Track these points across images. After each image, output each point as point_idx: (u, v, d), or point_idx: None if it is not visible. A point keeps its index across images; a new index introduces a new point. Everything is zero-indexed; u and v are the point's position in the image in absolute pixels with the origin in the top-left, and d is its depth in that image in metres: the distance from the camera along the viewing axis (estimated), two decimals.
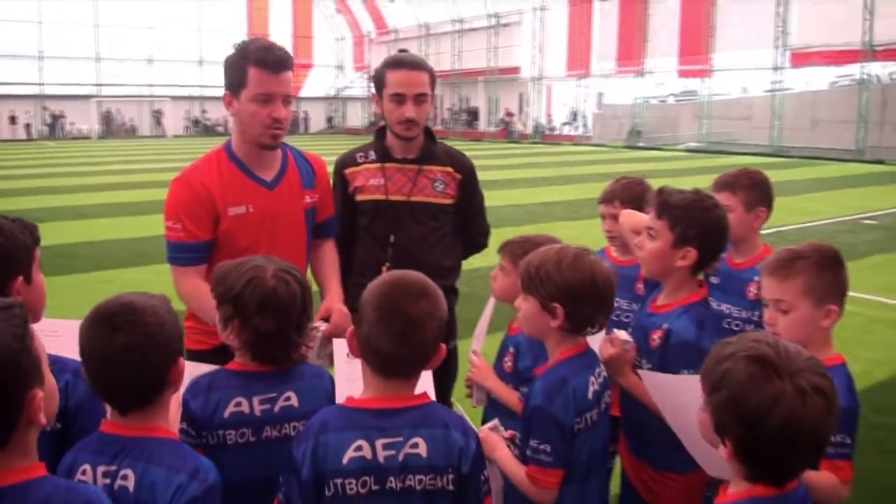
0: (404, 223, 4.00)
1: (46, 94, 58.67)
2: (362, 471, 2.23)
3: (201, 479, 2.08)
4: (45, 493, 1.77)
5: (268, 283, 2.50)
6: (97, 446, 2.13)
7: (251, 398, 2.49)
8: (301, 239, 3.61)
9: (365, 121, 66.25)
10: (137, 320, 2.11)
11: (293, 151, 3.67)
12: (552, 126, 52.71)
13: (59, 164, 32.29)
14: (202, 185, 3.42)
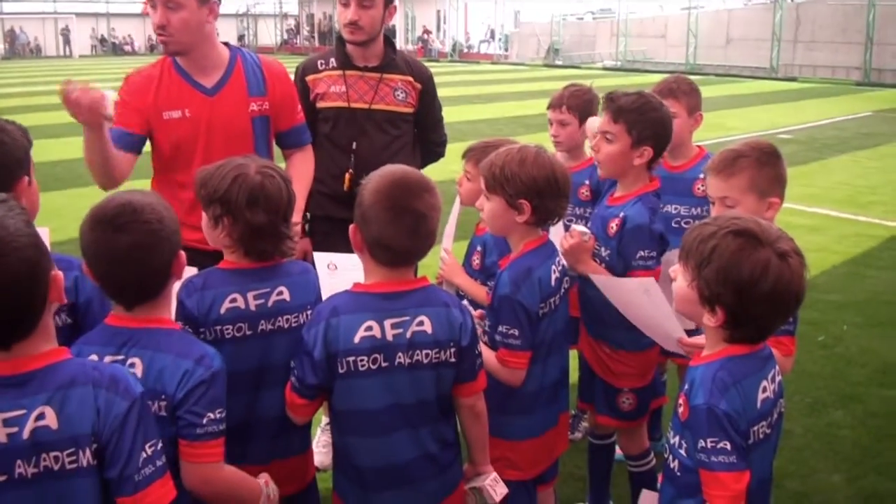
0: (366, 131, 4.04)
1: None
2: (373, 349, 2.45)
3: (207, 365, 2.21)
4: (72, 372, 1.89)
5: (253, 178, 2.56)
6: (102, 337, 2.22)
7: (245, 294, 2.59)
8: (246, 145, 3.56)
9: (278, 38, 64.90)
10: (139, 219, 2.18)
11: (246, 58, 3.64)
12: (470, 44, 52.35)
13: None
14: (139, 86, 3.50)
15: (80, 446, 1.86)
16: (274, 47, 62.67)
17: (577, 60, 42.34)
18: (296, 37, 64.40)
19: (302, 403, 2.55)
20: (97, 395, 1.89)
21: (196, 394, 2.17)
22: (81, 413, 1.87)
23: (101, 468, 1.89)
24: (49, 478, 1.86)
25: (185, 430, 2.16)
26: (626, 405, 3.49)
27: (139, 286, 2.23)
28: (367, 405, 2.49)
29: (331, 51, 4.17)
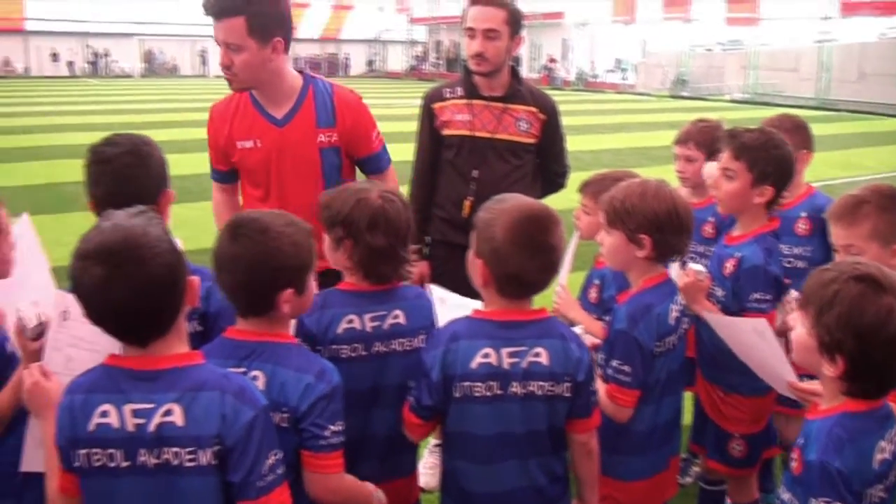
0: (487, 159, 4.09)
1: (90, 31, 58.86)
2: (488, 375, 2.49)
3: (327, 380, 2.29)
4: (204, 376, 2.02)
5: (375, 202, 2.65)
6: (223, 350, 2.30)
7: (363, 315, 2.67)
8: (315, 174, 3.63)
9: (406, 64, 65.87)
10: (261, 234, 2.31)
11: (318, 88, 3.67)
12: (595, 73, 52.06)
13: (102, 101, 32.52)
14: (218, 115, 3.67)
15: (201, 446, 1.98)
16: (402, 73, 63.67)
17: (704, 92, 41.58)
18: (423, 63, 65.20)
19: (418, 423, 2.62)
20: (224, 401, 2.00)
21: (319, 407, 2.25)
22: (207, 416, 1.98)
23: (223, 471, 2.00)
24: (167, 471, 1.98)
25: (310, 441, 2.25)
26: (736, 451, 3.41)
27: (256, 297, 2.31)
28: (478, 431, 2.53)
29: (458, 79, 4.23)
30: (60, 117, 25.13)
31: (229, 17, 3.32)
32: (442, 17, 61.63)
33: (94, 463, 2.00)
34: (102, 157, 2.61)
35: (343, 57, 67.78)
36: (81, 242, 2.00)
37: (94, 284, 1.95)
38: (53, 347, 2.41)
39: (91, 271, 1.94)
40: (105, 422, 1.98)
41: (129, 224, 2.00)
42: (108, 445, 1.98)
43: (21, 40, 57.61)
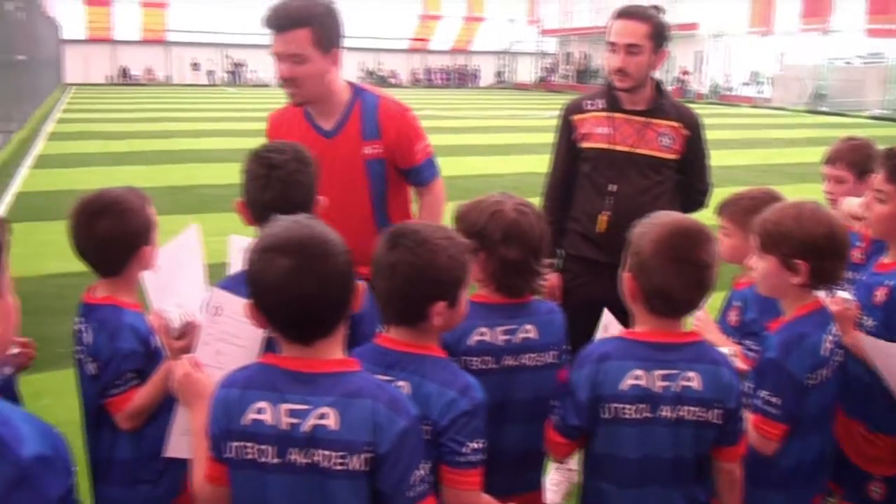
0: (627, 174, 4.01)
1: (229, 42, 60.85)
2: (638, 398, 2.45)
3: (471, 396, 2.27)
4: (359, 384, 2.05)
5: (509, 214, 2.63)
6: (372, 356, 2.31)
7: (494, 328, 2.64)
8: (361, 186, 3.68)
9: (535, 76, 65.81)
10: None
11: (365, 101, 3.68)
12: (730, 86, 50.91)
13: (239, 108, 33.57)
14: (274, 127, 3.75)
15: (352, 452, 2.00)
16: (531, 84, 63.64)
17: (842, 107, 40.14)
18: (552, 75, 65.03)
19: (562, 442, 2.59)
20: (378, 409, 2.01)
21: (459, 423, 2.24)
22: (361, 423, 2.00)
23: (373, 478, 2.02)
24: (317, 472, 2.01)
25: (449, 456, 2.24)
26: (875, 494, 3.21)
27: (410, 305, 2.31)
28: (626, 453, 2.49)
29: (600, 91, 4.17)
30: (200, 123, 26.07)
31: (294, 29, 3.39)
32: (573, 28, 61.41)
33: (245, 456, 2.05)
34: (271, 162, 2.67)
35: (473, 68, 68.17)
36: (265, 237, 2.07)
37: (278, 276, 2.00)
38: (204, 341, 2.50)
39: (277, 262, 2.00)
40: (260, 418, 2.03)
41: (311, 223, 2.10)
42: (261, 441, 2.03)
43: (163, 50, 60.02)
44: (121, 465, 2.74)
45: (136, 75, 58.96)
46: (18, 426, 1.54)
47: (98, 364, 2.68)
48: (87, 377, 2.74)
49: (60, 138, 21.18)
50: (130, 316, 2.73)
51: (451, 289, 2.32)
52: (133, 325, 2.70)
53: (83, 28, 57.80)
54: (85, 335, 2.72)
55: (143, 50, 59.52)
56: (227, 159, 17.12)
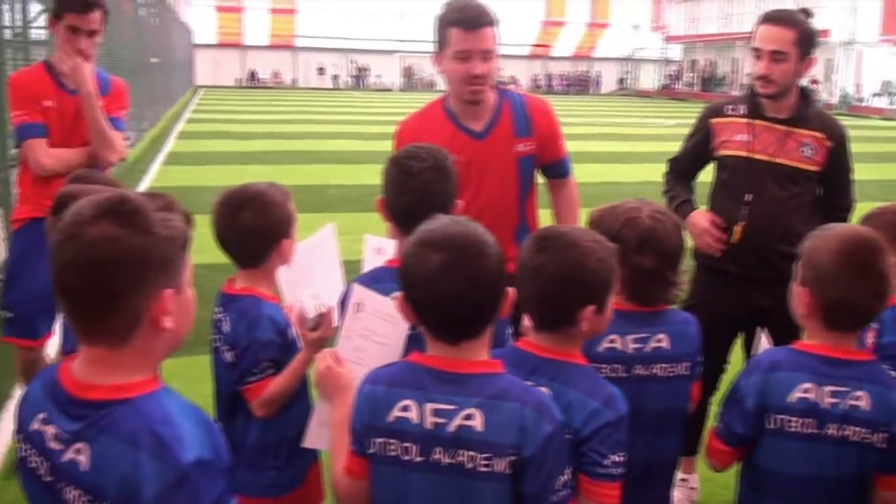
0: (765, 184, 3.85)
1: (353, 47, 62.05)
2: (806, 412, 2.39)
3: (614, 408, 2.20)
4: (505, 386, 2.02)
5: (645, 221, 2.59)
6: (513, 359, 2.26)
7: (625, 336, 2.59)
8: (510, 184, 3.69)
9: (658, 84, 64.96)
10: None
11: (512, 100, 3.70)
12: (861, 97, 49.22)
13: (363, 112, 34.14)
14: (413, 133, 3.63)
15: (497, 454, 1.97)
16: (653, 92, 62.86)
17: None
18: (676, 82, 64.10)
19: (725, 450, 2.55)
20: (524, 413, 1.98)
21: (602, 434, 2.18)
22: (507, 425, 1.97)
23: (517, 481, 1.99)
24: (460, 473, 1.99)
25: (589, 467, 2.18)
26: None
27: (562, 310, 2.26)
28: (792, 469, 2.44)
29: (741, 97, 4.03)
30: (325, 126, 26.58)
31: (488, 27, 3.47)
32: (699, 35, 60.40)
33: (389, 452, 2.04)
34: (409, 170, 2.66)
35: (594, 75, 67.75)
36: (421, 232, 2.06)
37: (432, 271, 1.99)
38: (346, 336, 2.52)
39: (431, 258, 1.99)
40: (405, 416, 2.02)
41: (468, 222, 2.08)
42: (405, 439, 2.02)
43: (290, 55, 61.59)
44: (249, 450, 2.79)
45: (264, 78, 60.70)
46: (180, 426, 1.57)
47: (236, 352, 2.73)
48: (224, 365, 2.79)
49: (190, 137, 21.95)
50: (269, 307, 2.78)
51: (600, 292, 2.26)
52: (271, 316, 2.75)
53: (214, 33, 59.75)
54: (224, 324, 2.78)
55: (271, 54, 61.27)
56: (350, 161, 17.52)
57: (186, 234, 1.70)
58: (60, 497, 1.63)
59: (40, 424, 1.68)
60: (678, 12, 63.31)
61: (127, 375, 1.64)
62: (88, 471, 1.58)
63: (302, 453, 2.86)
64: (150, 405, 1.61)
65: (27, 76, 4.51)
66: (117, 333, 1.61)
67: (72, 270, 1.57)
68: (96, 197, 1.64)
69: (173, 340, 1.71)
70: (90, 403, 1.61)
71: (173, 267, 1.65)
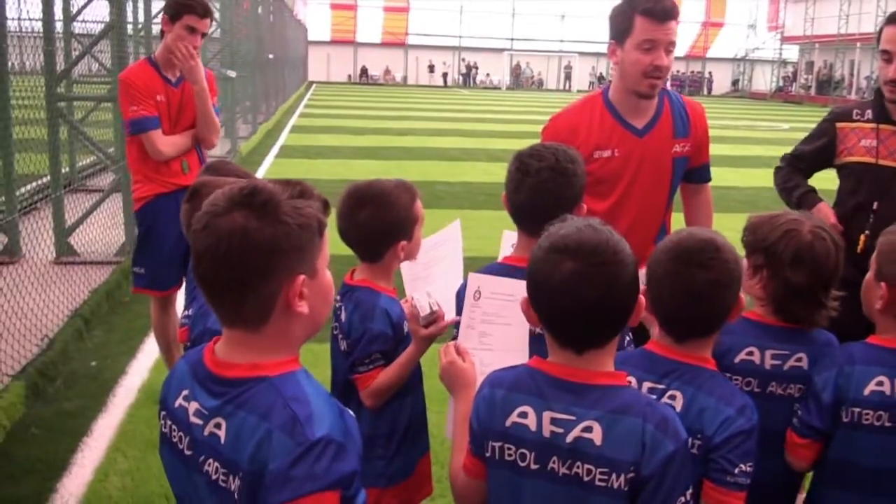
0: (891, 191, 3.73)
1: (463, 45, 62.27)
2: (880, 405, 2.40)
3: (748, 416, 2.18)
4: (629, 401, 1.96)
5: (804, 237, 2.50)
6: (645, 362, 2.27)
7: (764, 350, 2.53)
8: (664, 184, 3.66)
9: (772, 85, 63.39)
10: (721, 257, 2.22)
11: (672, 99, 3.67)
12: None
13: (471, 110, 34.28)
14: (568, 126, 3.60)
15: (615, 470, 1.92)
16: (767, 94, 61.39)
17: None
18: (791, 84, 62.45)
19: (804, 443, 2.48)
20: (646, 429, 1.92)
21: (735, 442, 2.15)
22: (627, 441, 1.92)
23: (634, 498, 1.94)
24: (577, 484, 1.95)
25: (717, 474, 2.16)
26: None
27: (707, 322, 2.26)
28: (863, 461, 2.42)
29: (869, 102, 3.90)
30: (434, 122, 26.83)
31: (674, 21, 3.46)
32: (817, 35, 58.65)
33: (506, 457, 2.03)
34: (525, 168, 2.67)
35: (707, 74, 66.52)
36: (553, 236, 2.00)
37: (563, 279, 1.94)
38: (468, 325, 2.54)
39: (563, 265, 1.93)
40: (522, 422, 2.00)
41: (602, 228, 1.99)
42: (522, 445, 2.00)
43: (402, 52, 62.17)
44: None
45: (375, 75, 61.42)
46: (313, 405, 1.63)
47: (349, 341, 2.80)
48: (339, 353, 2.87)
49: (303, 131, 22.41)
50: (385, 300, 2.82)
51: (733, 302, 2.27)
52: (386, 309, 2.80)
53: (328, 30, 60.69)
54: (341, 313, 2.85)
55: (382, 51, 61.99)
56: (459, 158, 17.64)
57: (321, 220, 1.73)
58: (200, 470, 1.70)
59: (183, 401, 1.76)
60: (795, 12, 61.56)
61: (265, 356, 1.70)
62: (226, 444, 1.65)
63: (412, 444, 2.91)
64: (286, 383, 1.67)
65: (139, 74, 4.98)
66: (253, 318, 1.68)
67: (206, 260, 1.65)
68: (230, 188, 1.70)
69: (311, 324, 1.76)
70: (230, 381, 1.69)
71: (306, 253, 1.69)
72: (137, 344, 6.16)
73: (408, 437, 2.89)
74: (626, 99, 3.57)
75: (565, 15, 62.65)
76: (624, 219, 3.46)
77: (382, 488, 2.86)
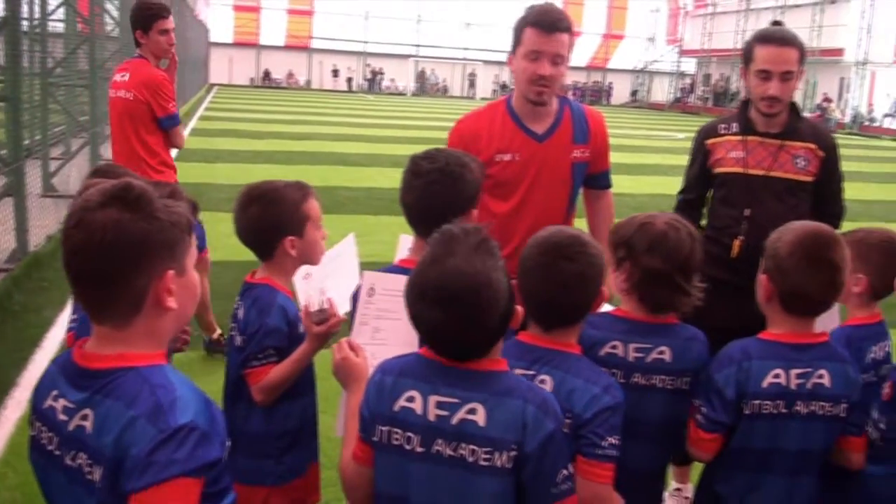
0: (761, 198, 3.93)
1: (369, 51, 62.16)
2: (777, 395, 2.61)
3: (613, 394, 2.34)
4: (511, 384, 2.11)
5: (658, 227, 2.66)
6: (516, 351, 2.38)
7: (627, 344, 2.66)
8: (563, 188, 3.82)
9: (670, 96, 64.91)
10: (587, 251, 2.39)
11: (573, 108, 3.85)
12: (872, 117, 49.04)
13: (375, 115, 34.25)
14: (472, 130, 3.79)
15: (498, 448, 2.04)
16: (665, 104, 62.82)
17: None
18: (689, 96, 64.06)
19: (710, 438, 2.67)
20: (527, 410, 2.05)
21: (602, 417, 2.30)
22: (510, 422, 2.04)
23: (518, 475, 2.05)
24: (461, 466, 2.06)
25: (587, 448, 2.29)
26: None
27: (572, 311, 2.41)
28: (757, 444, 2.64)
29: (733, 115, 4.12)
30: (337, 127, 26.72)
31: (564, 33, 3.60)
32: (714, 49, 60.29)
33: (393, 441, 2.11)
34: (416, 170, 2.75)
35: (607, 85, 67.75)
36: (419, 278, 2.08)
37: (432, 325, 2.06)
38: (361, 321, 2.61)
39: (430, 314, 2.05)
40: (410, 406, 2.09)
41: (471, 271, 2.02)
42: (409, 429, 2.09)
43: (306, 56, 61.68)
44: (250, 438, 2.85)
45: (278, 79, 60.79)
46: (178, 392, 1.66)
47: (245, 336, 2.83)
48: (235, 348, 2.89)
49: (202, 134, 21.97)
50: (283, 297, 2.87)
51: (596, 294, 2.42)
52: (283, 306, 2.84)
53: (230, 32, 59.86)
54: (239, 310, 2.89)
55: (285, 55, 61.38)
56: (362, 163, 17.62)
57: (190, 219, 1.79)
58: (68, 466, 1.70)
59: (52, 401, 1.76)
60: (694, 26, 63.25)
61: (134, 349, 1.73)
62: (91, 433, 1.66)
63: (304, 446, 2.94)
64: (153, 373, 1.69)
65: (162, 72, 5.82)
66: (124, 312, 1.71)
67: (80, 254, 1.67)
68: (104, 185, 1.73)
69: (178, 319, 1.81)
70: (97, 372, 1.71)
71: (176, 250, 1.74)
72: (28, 355, 5.98)
73: (299, 439, 2.93)
74: (524, 106, 3.74)
75: (470, 23, 63.04)
76: (525, 220, 3.63)
77: (270, 486, 2.88)
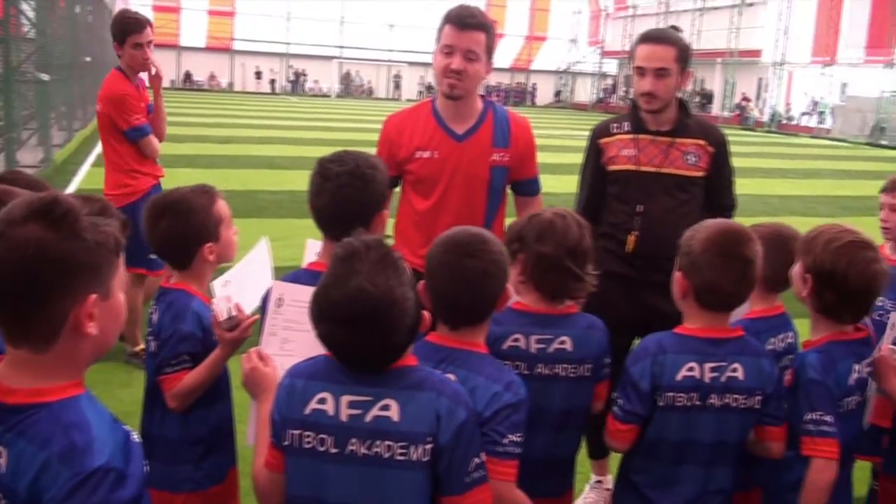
0: (653, 194, 4.03)
1: (291, 52, 61.69)
2: (691, 387, 2.68)
3: (514, 391, 2.37)
4: (421, 378, 2.14)
5: (545, 217, 2.79)
6: (425, 352, 2.40)
7: (529, 336, 2.74)
8: (481, 188, 3.88)
9: (593, 97, 65.67)
10: (489, 249, 2.42)
11: (497, 111, 3.93)
12: (790, 115, 50.28)
13: (299, 118, 34.00)
14: (396, 126, 3.92)
15: (413, 442, 2.07)
16: (588, 104, 63.52)
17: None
18: (611, 96, 64.88)
19: (625, 429, 2.76)
20: (440, 402, 2.10)
21: (502, 415, 2.32)
22: (423, 414, 2.08)
23: (433, 467, 2.10)
24: (375, 464, 2.08)
25: (488, 446, 2.30)
26: None
27: (477, 309, 2.44)
28: (670, 436, 2.71)
29: (625, 115, 4.23)
30: (260, 130, 26.41)
31: (478, 31, 3.70)
32: None
33: (305, 444, 2.11)
34: (326, 173, 2.73)
35: (531, 87, 68.27)
36: (323, 298, 2.10)
37: (339, 343, 2.10)
38: (270, 332, 2.60)
39: (336, 334, 2.08)
40: (321, 408, 2.10)
41: (375, 292, 2.04)
42: (321, 430, 2.10)
43: (228, 58, 60.97)
44: (166, 444, 2.84)
45: (200, 81, 59.97)
46: (93, 433, 1.59)
47: (159, 342, 2.81)
48: (149, 354, 2.88)
49: None
50: (198, 303, 2.86)
51: (500, 291, 2.46)
52: (198, 312, 2.83)
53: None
54: (154, 315, 2.87)
55: (207, 56, 60.55)
56: (284, 166, 17.48)
57: (118, 239, 1.69)
58: None
59: None
60: (614, 28, 64.07)
61: (49, 379, 1.63)
62: (6, 474, 1.59)
63: (221, 451, 2.94)
64: (67, 410, 1.61)
65: (127, 86, 5.97)
66: (41, 336, 1.62)
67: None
68: (29, 198, 1.64)
69: (99, 346, 1.71)
70: (10, 408, 1.62)
71: (101, 272, 1.65)
72: None
73: (216, 444, 2.92)
74: (447, 105, 3.83)
75: (394, 24, 62.96)
76: (444, 218, 3.69)
77: (188, 493, 2.86)
